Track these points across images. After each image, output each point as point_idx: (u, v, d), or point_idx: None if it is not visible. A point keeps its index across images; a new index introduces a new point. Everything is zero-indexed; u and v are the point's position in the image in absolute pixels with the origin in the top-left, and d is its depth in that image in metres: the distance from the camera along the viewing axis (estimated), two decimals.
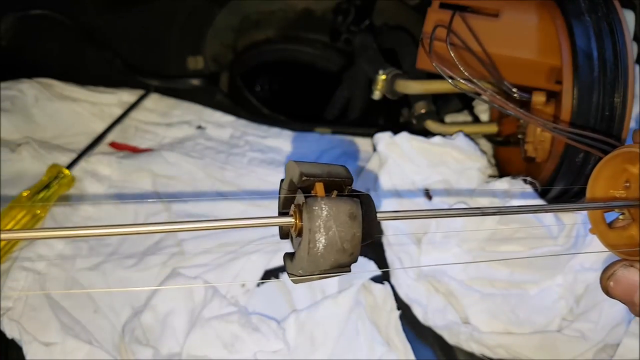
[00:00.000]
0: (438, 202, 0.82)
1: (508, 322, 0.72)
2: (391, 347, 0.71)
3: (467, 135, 0.89)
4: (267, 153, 0.97)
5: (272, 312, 0.73)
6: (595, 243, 0.73)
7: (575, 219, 0.76)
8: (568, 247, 0.75)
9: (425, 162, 0.85)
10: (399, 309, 0.74)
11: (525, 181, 0.79)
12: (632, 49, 0.70)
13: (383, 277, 0.77)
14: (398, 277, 0.77)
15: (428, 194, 0.82)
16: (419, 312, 0.75)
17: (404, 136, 0.86)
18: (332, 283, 0.75)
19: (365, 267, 0.77)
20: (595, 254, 0.73)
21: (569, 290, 0.73)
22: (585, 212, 0.38)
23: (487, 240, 0.77)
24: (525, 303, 0.73)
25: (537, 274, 0.75)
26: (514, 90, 0.77)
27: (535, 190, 0.79)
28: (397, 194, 0.84)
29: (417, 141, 0.87)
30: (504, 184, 0.79)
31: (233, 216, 0.85)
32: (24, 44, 1.04)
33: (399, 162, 0.85)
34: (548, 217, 0.76)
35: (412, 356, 0.70)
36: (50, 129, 0.97)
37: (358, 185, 0.85)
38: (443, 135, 0.89)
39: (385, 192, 0.83)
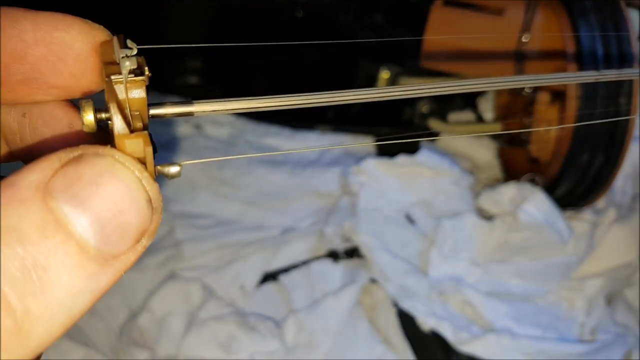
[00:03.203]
0: (422, 224, 0.79)
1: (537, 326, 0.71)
2: (390, 347, 0.70)
3: (433, 148, 0.86)
4: (266, 152, 0.96)
5: (271, 313, 0.72)
6: (601, 250, 0.73)
7: (585, 227, 0.75)
8: (579, 255, 0.74)
9: (398, 184, 0.83)
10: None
11: (532, 181, 0.78)
12: (637, 48, 0.69)
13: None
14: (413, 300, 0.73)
15: (410, 219, 0.80)
16: (447, 331, 0.70)
17: (369, 162, 0.84)
18: (332, 282, 0.74)
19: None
20: (602, 261, 0.72)
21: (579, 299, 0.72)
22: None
23: (498, 250, 0.75)
24: (543, 312, 0.72)
25: (548, 283, 0.73)
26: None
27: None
28: (380, 217, 0.80)
29: (383, 164, 0.84)
30: (511, 189, 0.78)
31: (232, 216, 0.84)
32: None
33: (373, 186, 0.82)
34: (558, 223, 0.75)
35: (410, 356, 0.70)
36: None
37: (335, 219, 0.81)
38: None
39: (366, 217, 0.79)
